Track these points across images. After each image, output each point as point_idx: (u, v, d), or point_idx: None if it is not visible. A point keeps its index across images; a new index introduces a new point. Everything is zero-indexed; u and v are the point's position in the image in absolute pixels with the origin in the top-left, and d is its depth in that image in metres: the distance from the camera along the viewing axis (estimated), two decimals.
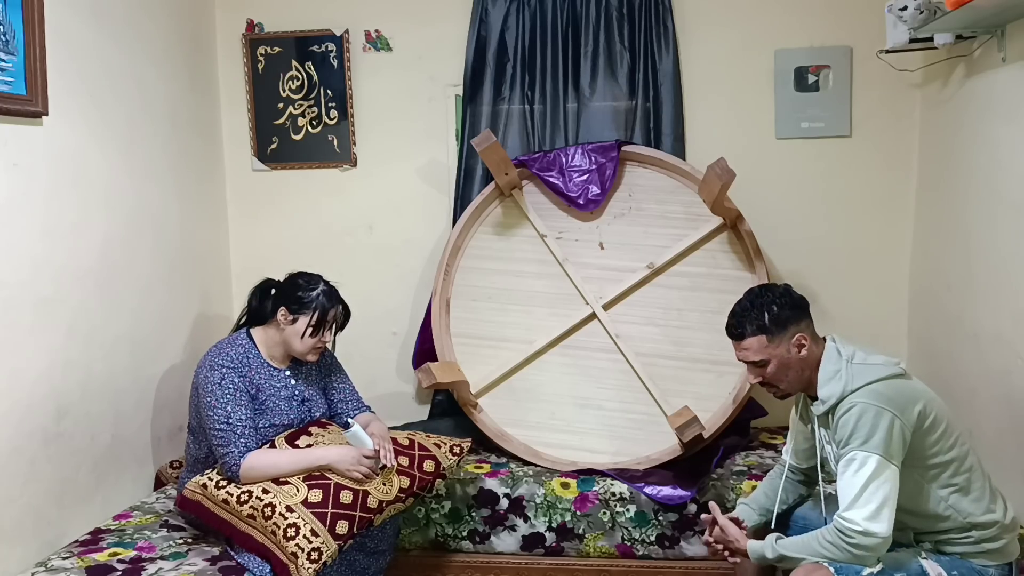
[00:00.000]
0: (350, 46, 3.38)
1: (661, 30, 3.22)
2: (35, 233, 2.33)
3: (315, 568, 2.14)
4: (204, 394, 2.35)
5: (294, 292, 2.44)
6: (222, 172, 3.49)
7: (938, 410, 2.02)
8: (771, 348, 2.08)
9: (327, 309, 2.43)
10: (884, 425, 1.92)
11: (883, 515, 1.90)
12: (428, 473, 2.51)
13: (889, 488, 1.91)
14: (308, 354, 2.45)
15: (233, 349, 2.42)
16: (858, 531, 1.89)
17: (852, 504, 1.91)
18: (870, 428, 1.93)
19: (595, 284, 3.09)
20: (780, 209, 3.25)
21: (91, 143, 2.58)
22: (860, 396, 1.97)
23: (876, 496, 1.90)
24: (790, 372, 2.10)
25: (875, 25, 2.87)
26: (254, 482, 2.28)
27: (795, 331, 2.08)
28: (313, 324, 2.41)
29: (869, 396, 1.96)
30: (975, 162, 2.64)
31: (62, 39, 2.42)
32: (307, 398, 2.53)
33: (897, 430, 1.92)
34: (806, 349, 2.08)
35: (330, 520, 2.21)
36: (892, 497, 1.91)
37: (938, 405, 2.04)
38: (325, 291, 2.45)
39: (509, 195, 3.18)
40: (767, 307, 2.09)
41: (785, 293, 2.12)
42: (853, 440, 1.94)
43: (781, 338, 2.08)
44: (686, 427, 2.80)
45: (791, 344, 2.08)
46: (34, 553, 2.29)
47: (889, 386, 1.99)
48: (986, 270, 2.56)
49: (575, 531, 2.80)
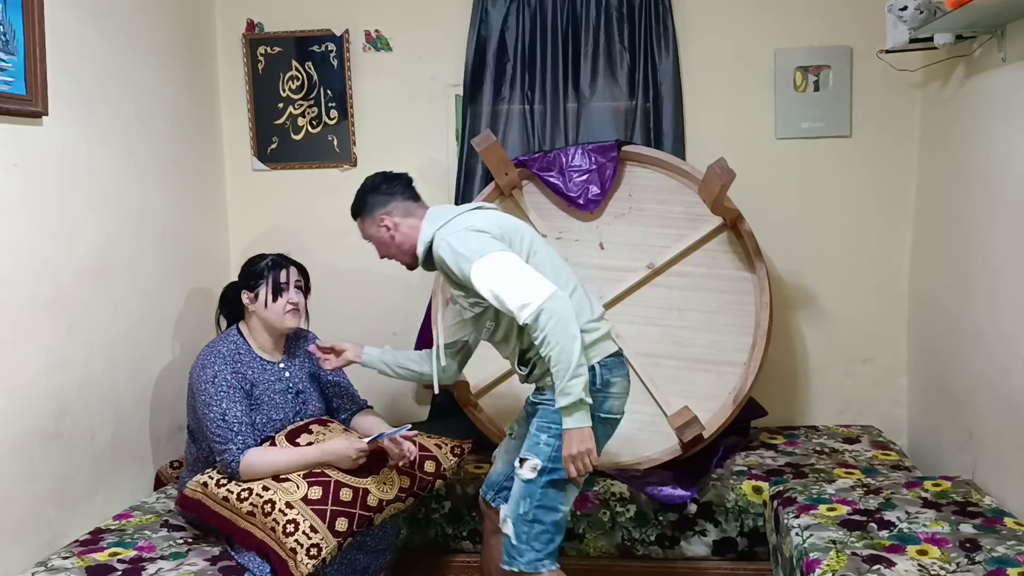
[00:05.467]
0: (350, 46, 3.38)
1: (661, 30, 3.22)
2: (35, 233, 2.33)
3: (314, 564, 2.15)
4: (199, 393, 2.36)
5: (245, 273, 2.54)
6: (222, 172, 3.49)
7: (511, 230, 2.24)
8: (366, 230, 2.39)
9: (278, 271, 2.50)
10: (469, 236, 2.16)
11: (533, 284, 2.07)
12: (429, 474, 2.51)
13: (514, 265, 2.11)
14: (286, 320, 2.49)
15: (224, 346, 2.44)
16: (535, 313, 2.03)
17: (513, 302, 2.06)
18: (462, 246, 2.14)
19: (595, 284, 3.08)
20: (780, 209, 3.25)
21: (91, 143, 2.58)
22: (441, 233, 2.22)
23: (514, 280, 2.08)
24: (392, 248, 2.37)
25: (875, 25, 2.86)
26: (254, 479, 2.28)
27: (381, 213, 2.33)
28: (271, 288, 2.47)
29: (446, 229, 2.21)
30: (975, 162, 2.64)
31: (62, 39, 2.42)
32: (301, 390, 2.54)
33: (479, 231, 2.16)
34: (395, 229, 2.32)
35: (330, 517, 2.22)
36: (522, 266, 2.12)
37: (514, 229, 2.25)
38: (272, 258, 2.54)
39: (509, 195, 3.18)
40: (357, 194, 2.39)
41: (375, 178, 2.40)
42: (463, 264, 2.13)
43: (371, 220, 2.36)
44: (686, 427, 2.80)
45: (379, 225, 2.34)
46: (34, 553, 2.29)
47: (459, 219, 2.24)
48: (986, 270, 2.56)
49: (575, 531, 2.80)
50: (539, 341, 2.06)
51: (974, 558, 2.07)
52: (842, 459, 2.95)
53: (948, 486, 2.52)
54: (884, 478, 2.67)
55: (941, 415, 2.96)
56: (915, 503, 2.39)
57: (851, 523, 2.29)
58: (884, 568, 2.03)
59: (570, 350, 2.03)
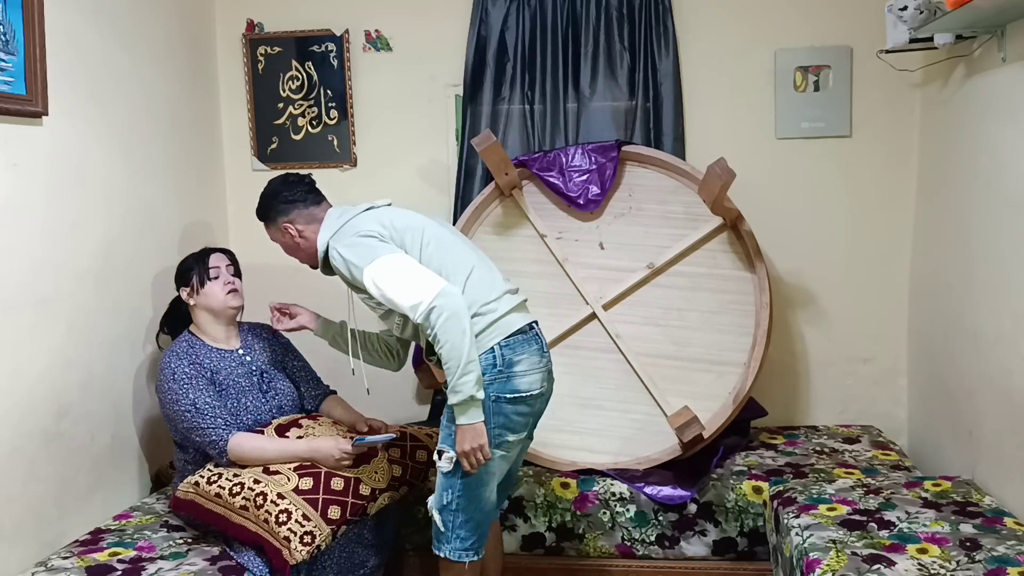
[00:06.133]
0: (350, 46, 3.38)
1: (661, 30, 3.22)
2: (35, 233, 2.33)
3: (308, 550, 2.17)
4: (164, 394, 2.43)
5: (178, 274, 2.62)
6: (222, 172, 3.49)
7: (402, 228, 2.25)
8: (272, 235, 2.43)
9: (205, 258, 2.59)
10: (357, 243, 2.19)
11: (421, 284, 2.10)
12: (421, 463, 2.58)
13: (402, 266, 2.14)
14: (228, 301, 2.56)
15: (178, 347, 2.52)
16: (426, 312, 2.07)
17: (403, 303, 2.10)
18: (351, 254, 2.18)
19: (595, 284, 3.09)
20: (780, 209, 3.25)
21: (91, 143, 2.58)
22: (332, 241, 2.25)
23: (402, 281, 2.11)
24: (299, 253, 2.40)
25: (875, 25, 2.87)
26: (243, 462, 2.33)
27: (284, 221, 2.36)
28: (201, 275, 2.54)
29: (336, 237, 2.24)
30: (975, 162, 2.64)
31: (62, 39, 2.42)
32: (264, 371, 2.60)
33: (366, 236, 2.18)
34: (299, 236, 2.35)
35: (322, 505, 2.26)
36: (411, 266, 2.15)
37: (405, 225, 2.26)
38: (196, 253, 2.63)
39: (509, 195, 3.18)
40: (260, 199, 2.41)
41: (275, 183, 2.41)
42: (355, 271, 2.17)
43: (275, 227, 2.39)
44: (686, 427, 2.80)
45: (284, 232, 2.37)
46: (34, 553, 2.29)
47: (350, 224, 2.26)
48: (986, 270, 2.56)
49: (575, 531, 2.80)
50: (432, 339, 2.11)
51: (974, 556, 2.07)
52: (842, 459, 2.95)
53: (948, 486, 2.52)
54: (884, 478, 2.67)
55: (941, 415, 2.96)
56: (915, 503, 2.39)
57: (851, 523, 2.29)
58: (884, 568, 2.03)
59: (460, 347, 2.06)
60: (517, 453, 2.35)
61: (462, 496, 2.21)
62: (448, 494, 2.22)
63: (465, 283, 2.21)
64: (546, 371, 2.30)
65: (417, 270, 2.16)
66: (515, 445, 2.28)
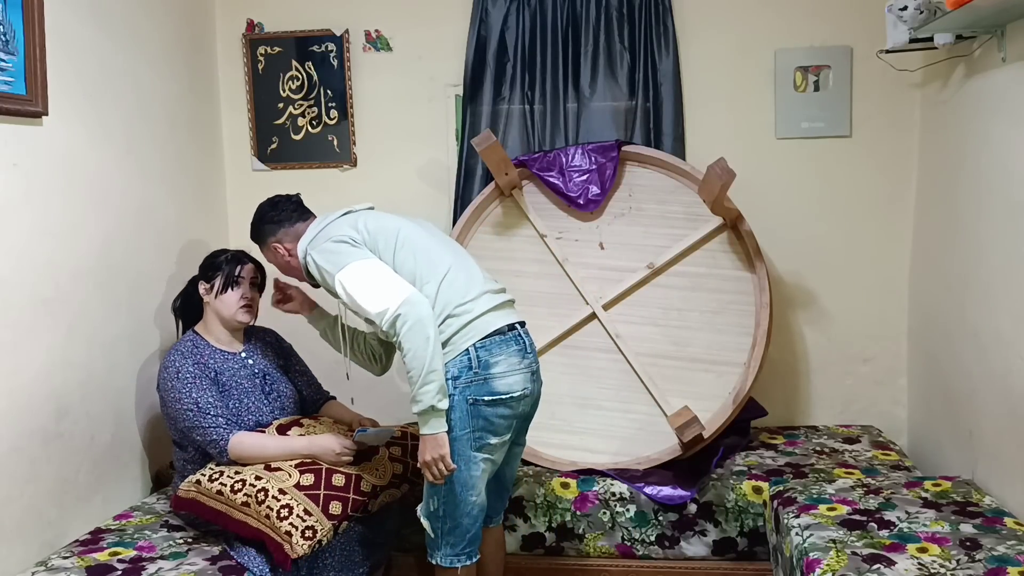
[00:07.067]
0: (350, 46, 3.38)
1: (661, 30, 3.22)
2: (35, 233, 2.33)
3: (309, 544, 2.17)
4: (166, 393, 2.44)
5: (205, 264, 2.61)
6: (222, 172, 3.49)
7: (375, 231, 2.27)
8: (266, 256, 2.48)
9: (235, 265, 2.56)
10: (330, 249, 2.20)
11: (388, 291, 2.10)
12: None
13: (370, 273, 2.14)
14: (237, 315, 2.55)
15: (182, 346, 2.52)
16: (392, 319, 2.07)
17: (371, 310, 2.10)
18: (323, 260, 2.19)
19: (595, 284, 3.09)
20: (780, 209, 3.25)
21: (91, 143, 2.58)
22: (308, 248, 2.27)
23: (370, 288, 2.11)
24: (292, 271, 2.43)
25: (875, 25, 2.86)
26: (243, 460, 2.34)
27: (273, 241, 2.41)
28: (226, 280, 2.53)
29: (312, 245, 2.26)
30: (975, 162, 2.64)
31: (62, 39, 2.42)
32: (267, 373, 2.61)
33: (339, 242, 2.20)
34: (288, 255, 2.39)
35: (323, 501, 2.26)
36: (380, 272, 2.15)
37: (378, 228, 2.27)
38: (232, 253, 2.62)
39: (509, 195, 3.18)
40: (251, 222, 2.46)
41: (264, 206, 2.45)
42: (327, 277, 2.19)
43: (266, 248, 2.45)
44: (686, 427, 2.80)
45: (275, 252, 2.42)
46: (34, 553, 2.29)
47: (324, 231, 2.28)
48: (986, 270, 2.56)
49: (575, 531, 2.80)
50: (397, 346, 2.11)
51: (974, 556, 2.07)
52: (842, 459, 2.95)
53: (948, 486, 2.52)
54: (884, 478, 2.67)
55: (941, 415, 2.96)
56: (915, 503, 2.39)
57: (851, 523, 2.29)
58: (884, 567, 2.03)
59: (422, 356, 2.05)
60: (505, 455, 2.32)
61: (447, 502, 2.21)
62: (434, 501, 2.22)
63: (440, 284, 2.19)
64: (529, 372, 2.26)
65: (385, 277, 2.15)
66: (498, 448, 2.25)
